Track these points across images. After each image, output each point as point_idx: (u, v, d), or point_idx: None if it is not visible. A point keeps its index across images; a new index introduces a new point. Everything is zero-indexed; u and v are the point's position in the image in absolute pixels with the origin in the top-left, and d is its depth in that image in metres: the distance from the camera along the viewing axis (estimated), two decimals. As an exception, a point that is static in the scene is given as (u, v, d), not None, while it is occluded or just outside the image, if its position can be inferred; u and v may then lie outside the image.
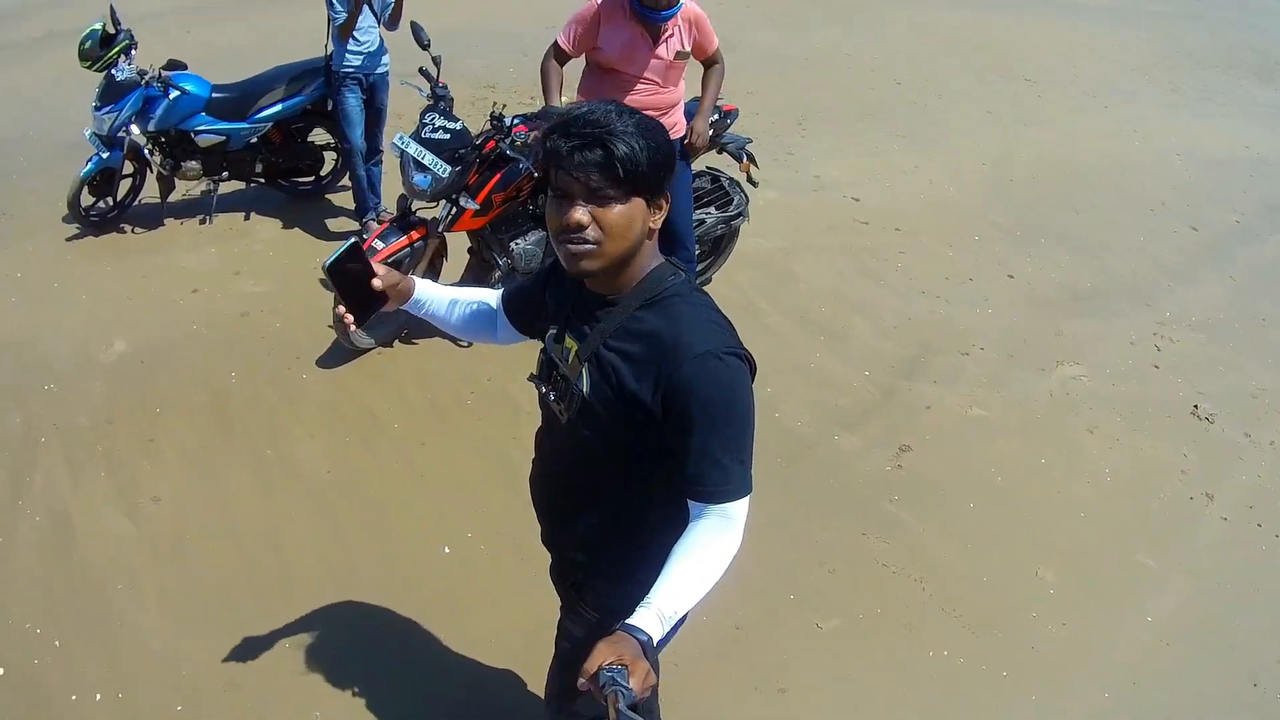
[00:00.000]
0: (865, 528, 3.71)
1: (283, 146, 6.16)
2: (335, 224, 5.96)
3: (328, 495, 3.77)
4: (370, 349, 4.56)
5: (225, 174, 6.03)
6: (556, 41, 4.28)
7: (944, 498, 3.91)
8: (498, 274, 4.56)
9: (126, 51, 5.66)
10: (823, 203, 6.29)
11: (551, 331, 1.88)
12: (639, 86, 4.23)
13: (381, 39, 5.61)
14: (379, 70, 5.66)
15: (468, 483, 3.83)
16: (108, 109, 5.58)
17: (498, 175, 4.34)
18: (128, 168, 5.90)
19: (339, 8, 5.41)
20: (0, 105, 7.70)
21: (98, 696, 3.04)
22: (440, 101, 4.57)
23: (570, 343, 1.81)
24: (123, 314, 5.07)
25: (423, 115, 4.49)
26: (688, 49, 4.25)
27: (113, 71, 5.61)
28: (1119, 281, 5.71)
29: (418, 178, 4.34)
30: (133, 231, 5.90)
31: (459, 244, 4.74)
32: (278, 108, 5.89)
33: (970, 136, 7.60)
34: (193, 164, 5.90)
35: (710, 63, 4.43)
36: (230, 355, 4.61)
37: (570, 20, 4.24)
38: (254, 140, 5.97)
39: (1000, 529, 3.78)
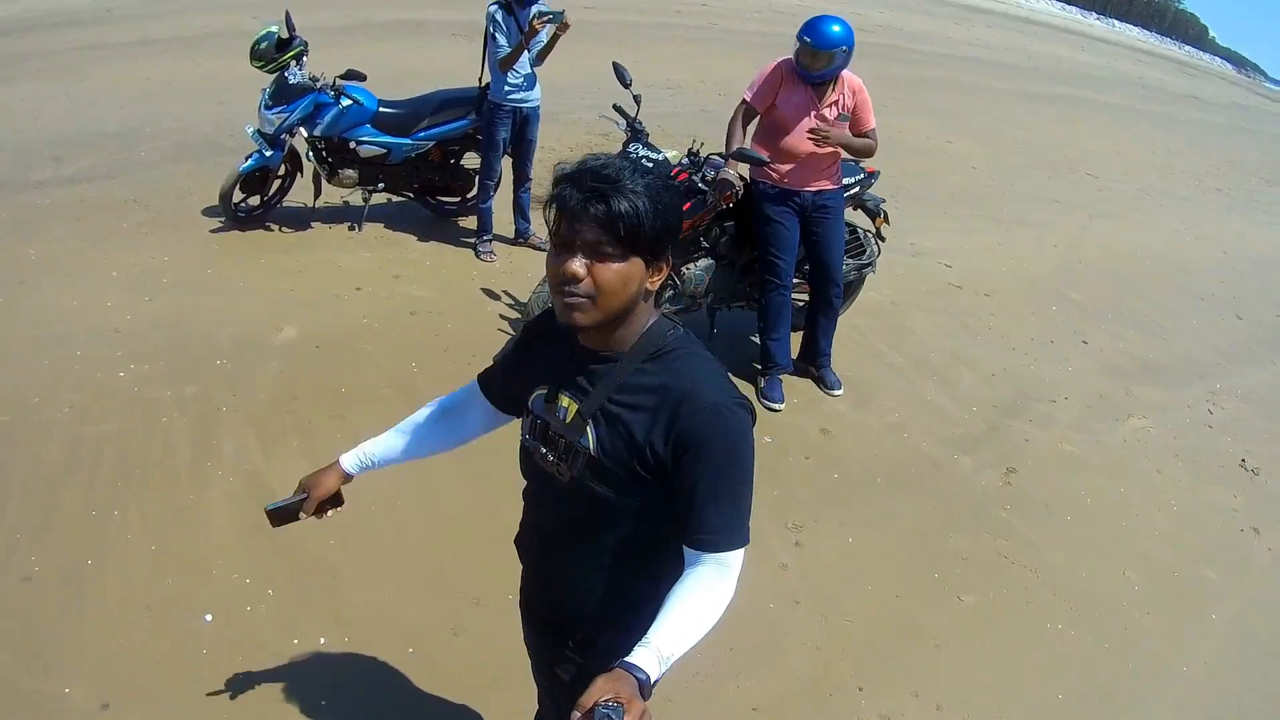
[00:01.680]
0: (986, 529, 4.46)
1: (439, 166, 6.37)
2: (462, 239, 6.37)
3: (473, 489, 3.99)
4: None
5: (380, 185, 6.22)
6: (745, 99, 4.89)
7: (1046, 511, 4.66)
8: (668, 294, 5.02)
9: (299, 57, 5.80)
10: (920, 267, 7.11)
11: (539, 393, 1.84)
12: (804, 140, 4.79)
13: (535, 74, 5.89)
14: (531, 103, 5.94)
15: None
16: (278, 109, 5.71)
17: (687, 204, 4.83)
18: (280, 169, 6.03)
19: (503, 42, 5.65)
20: (120, 100, 8.18)
21: (321, 640, 3.23)
22: (639, 134, 5.08)
23: (567, 401, 1.77)
24: (287, 303, 5.28)
25: (626, 145, 5.01)
26: (849, 114, 4.87)
27: (286, 74, 5.74)
28: (1176, 356, 6.50)
29: None
30: (280, 230, 6.13)
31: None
32: (442, 129, 6.13)
33: (1043, 221, 8.43)
34: (350, 172, 6.06)
35: (864, 137, 4.96)
36: (406, 348, 4.91)
37: (755, 82, 4.89)
38: (413, 156, 6.17)
39: (1093, 538, 4.52)
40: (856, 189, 5.37)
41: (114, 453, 4.09)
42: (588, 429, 1.72)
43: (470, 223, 6.61)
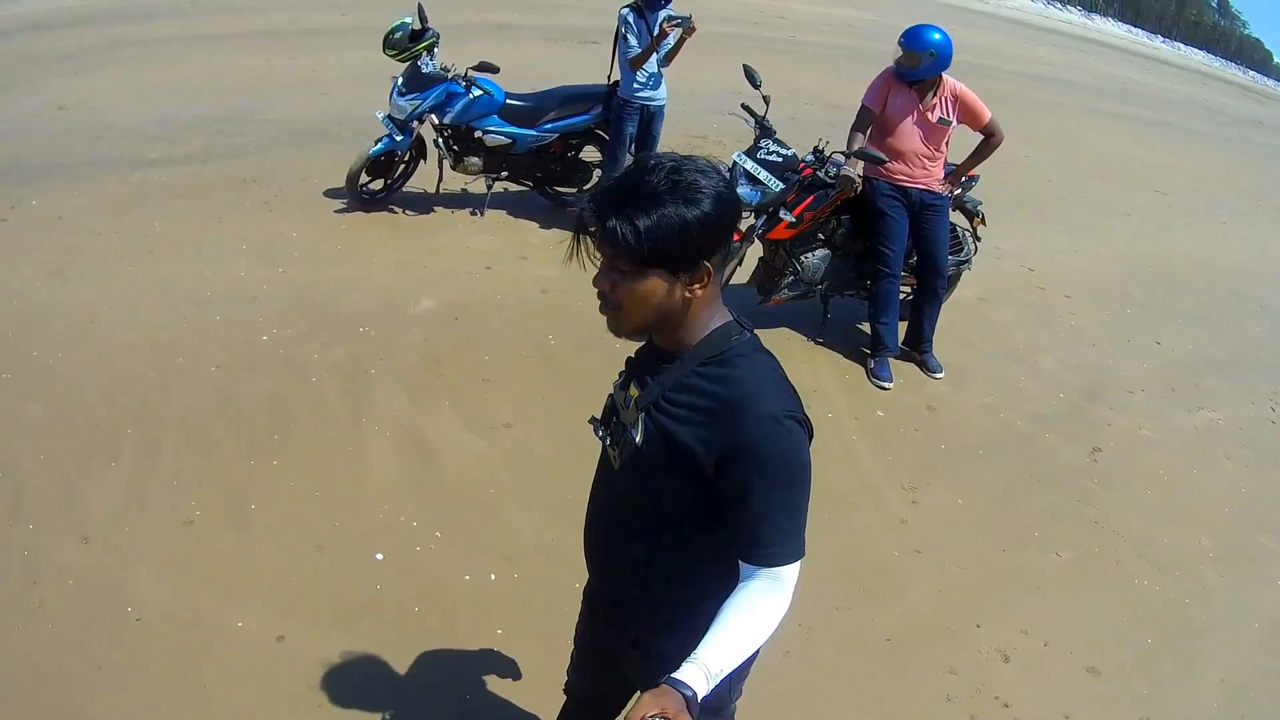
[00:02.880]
0: (1076, 497, 4.87)
1: (560, 157, 6.61)
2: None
3: None
4: None
5: (503, 174, 6.46)
6: (865, 105, 5.34)
7: (1127, 485, 5.05)
8: (788, 279, 5.51)
9: (431, 49, 6.02)
10: (1003, 269, 7.52)
11: (619, 379, 1.87)
12: (908, 139, 5.28)
13: (661, 74, 6.17)
14: (658, 101, 6.27)
15: None
16: (411, 96, 5.91)
17: (810, 197, 5.28)
18: (406, 154, 6.22)
19: (634, 43, 5.96)
20: (220, 89, 8.51)
21: (492, 576, 3.45)
22: (768, 131, 5.50)
23: (634, 390, 1.77)
24: (421, 278, 5.50)
25: (758, 140, 5.42)
26: (950, 118, 5.29)
27: (419, 64, 5.94)
28: (1238, 357, 6.83)
29: (745, 190, 5.22)
30: (404, 213, 6.35)
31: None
32: (566, 122, 6.38)
33: (1115, 230, 8.80)
34: (475, 160, 6.28)
35: (987, 133, 5.36)
36: (542, 321, 5.17)
37: (871, 88, 5.35)
38: (536, 147, 6.42)
39: (1169, 509, 4.89)
40: (958, 190, 5.78)
41: (267, 408, 4.31)
42: (639, 421, 1.71)
43: None
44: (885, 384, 5.42)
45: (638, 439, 1.71)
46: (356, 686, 3.06)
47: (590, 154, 6.80)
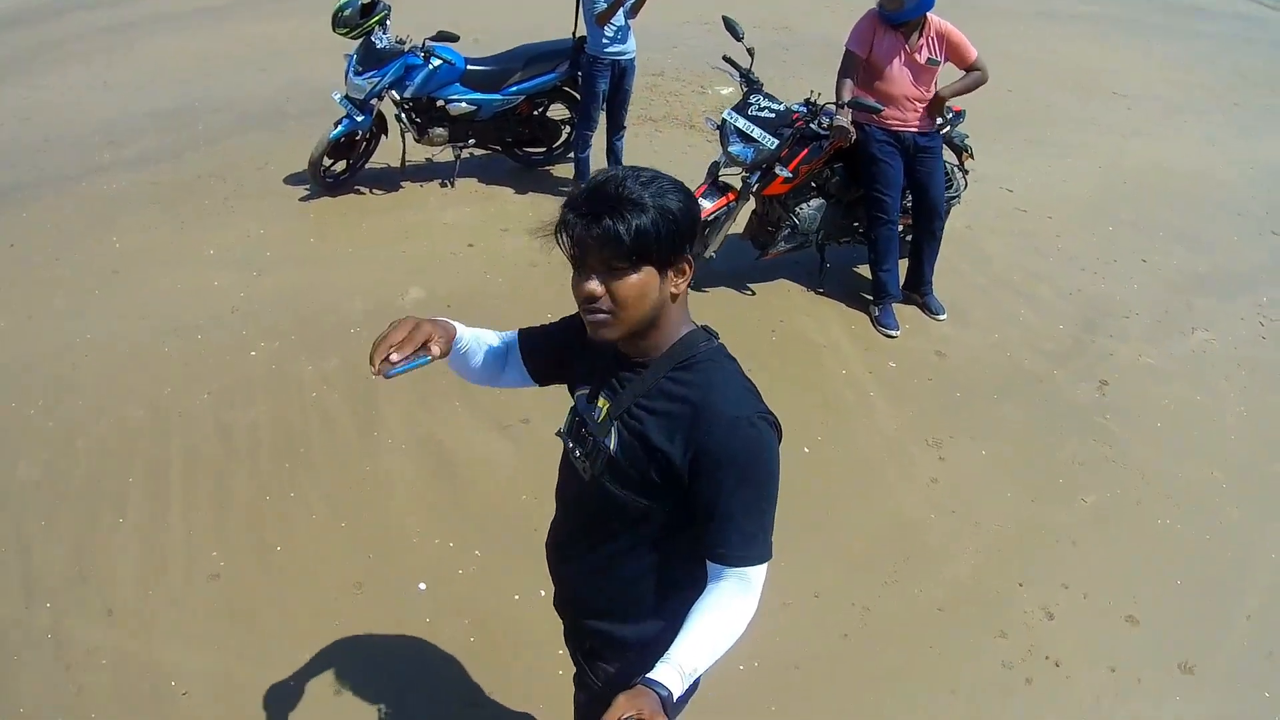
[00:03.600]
0: (1092, 436, 4.88)
1: (527, 119, 6.45)
2: (564, 191, 6.38)
3: None
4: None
5: (470, 141, 6.28)
6: (850, 50, 5.19)
7: (1138, 418, 5.07)
8: (784, 232, 5.41)
9: (383, 21, 5.78)
10: (984, 193, 7.38)
11: (583, 393, 1.88)
12: (898, 82, 5.16)
13: (629, 26, 5.90)
14: (628, 55, 6.02)
15: (791, 405, 4.79)
16: (369, 74, 5.70)
17: (805, 150, 5.18)
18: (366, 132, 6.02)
19: None
20: (161, 78, 8.06)
21: (541, 592, 3.27)
22: (755, 85, 5.33)
23: (602, 402, 1.79)
24: (404, 265, 5.31)
25: (747, 96, 5.26)
26: (938, 57, 5.17)
27: (373, 39, 5.73)
28: (1223, 271, 6.85)
29: (737, 148, 5.11)
30: (371, 193, 6.14)
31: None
32: (532, 83, 6.18)
33: (1084, 143, 8.72)
34: (440, 131, 6.10)
35: (971, 69, 5.29)
36: (537, 300, 5.02)
37: (855, 31, 5.19)
38: (502, 111, 6.23)
39: (1181, 441, 4.93)
40: (946, 128, 5.66)
41: (271, 434, 4.14)
42: (612, 430, 1.74)
43: (560, 171, 6.84)
44: (892, 332, 5.36)
45: (612, 447, 1.73)
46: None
47: (557, 111, 6.63)
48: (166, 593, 3.43)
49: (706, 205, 5.12)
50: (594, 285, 1.62)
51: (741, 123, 5.14)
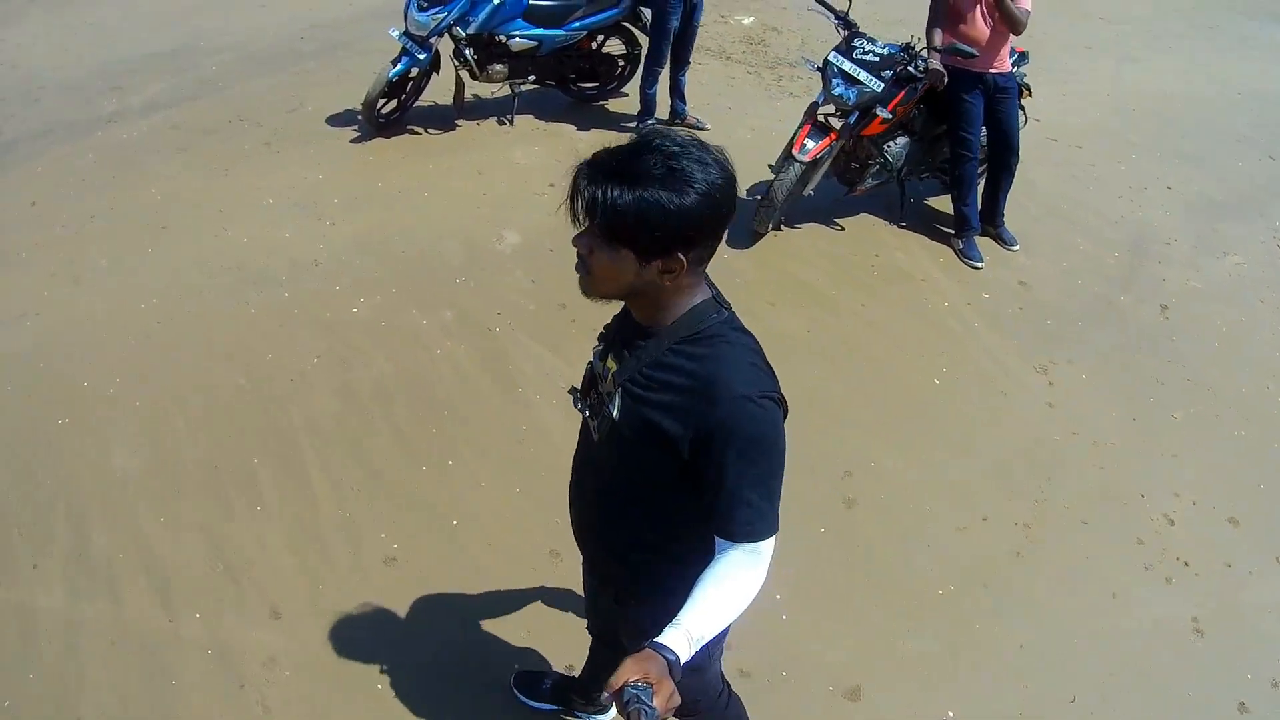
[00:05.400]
0: (1166, 357, 5.34)
1: (588, 54, 6.49)
2: (628, 128, 6.42)
3: (801, 350, 4.71)
4: None
5: (530, 77, 6.27)
6: None
7: (1199, 339, 5.54)
8: (873, 169, 5.74)
9: None
10: (1014, 122, 7.84)
11: (598, 347, 1.90)
12: (979, 27, 5.42)
13: None
14: None
15: (912, 338, 5.10)
16: (434, 10, 5.61)
17: (902, 92, 5.47)
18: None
19: None
20: (150, 21, 7.62)
21: None
22: (853, 26, 5.56)
23: (611, 363, 1.79)
24: (489, 209, 5.19)
25: (850, 39, 5.49)
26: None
27: None
28: (1235, 196, 7.36)
29: (841, 89, 5.35)
30: (426, 132, 6.00)
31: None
32: (596, 18, 6.20)
33: (1083, 70, 9.05)
34: (499, 67, 6.05)
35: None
36: None
37: None
38: (563, 47, 6.25)
39: (1237, 360, 5.42)
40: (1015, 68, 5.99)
41: (405, 396, 3.97)
42: (616, 396, 1.75)
43: (617, 106, 6.91)
44: (978, 264, 5.76)
45: (615, 414, 1.75)
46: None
47: (613, 46, 6.67)
48: (338, 585, 3.23)
49: (811, 146, 5.36)
50: (578, 242, 1.64)
51: (848, 65, 5.36)
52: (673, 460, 1.68)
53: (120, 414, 3.82)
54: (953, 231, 5.95)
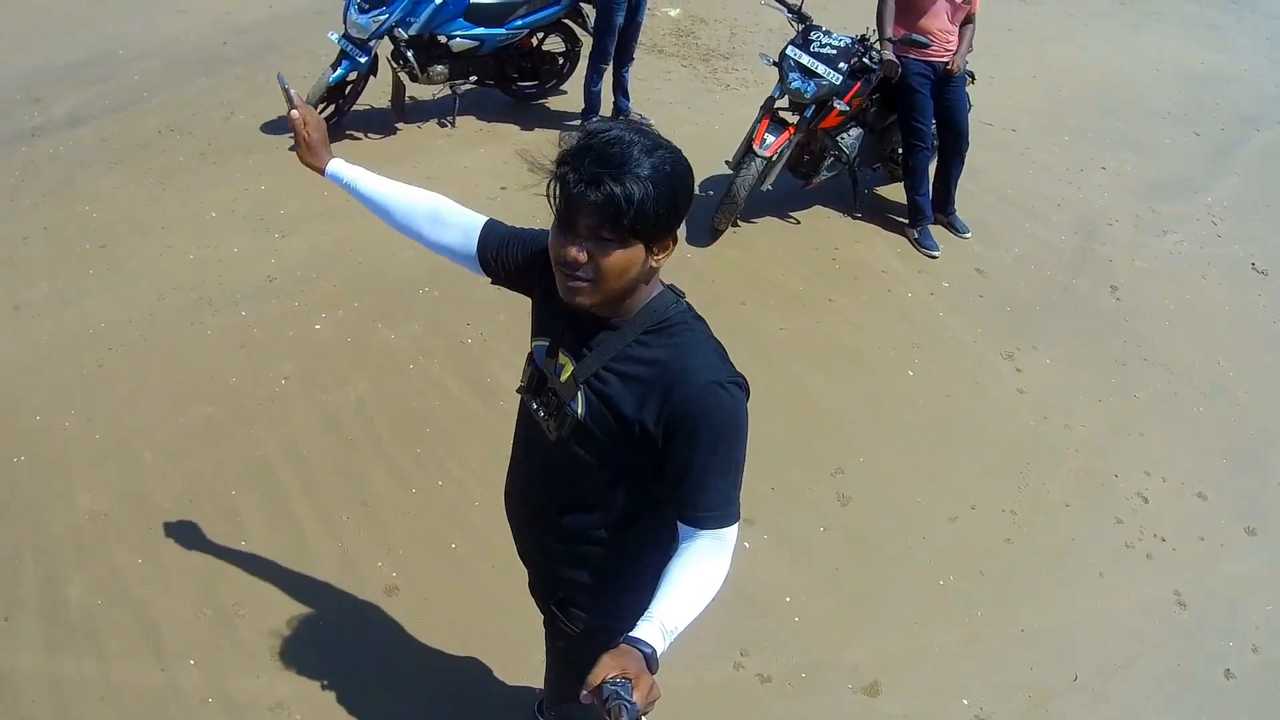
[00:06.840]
0: (1123, 338, 5.55)
1: (529, 53, 6.46)
2: (572, 127, 6.22)
3: (779, 350, 4.81)
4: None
5: (472, 78, 6.23)
6: None
7: (1151, 318, 5.80)
8: (827, 162, 5.84)
9: None
10: (950, 107, 8.05)
11: (542, 344, 1.85)
12: (937, 17, 5.61)
13: None
14: None
15: (881, 330, 5.20)
16: (375, 12, 5.53)
17: (858, 84, 5.56)
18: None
19: None
20: (59, 26, 7.27)
21: (746, 545, 3.50)
22: (807, 20, 5.62)
23: (565, 360, 1.76)
24: None
25: (806, 33, 5.55)
26: None
27: None
28: (1167, 174, 7.68)
29: (799, 83, 5.39)
30: (367, 138, 5.97)
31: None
32: (537, 15, 6.16)
33: (1008, 51, 9.19)
34: (440, 68, 5.98)
35: (967, 21, 5.82)
36: None
37: None
38: (504, 46, 6.17)
39: (1187, 337, 5.69)
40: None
41: (383, 415, 3.92)
42: (579, 394, 1.73)
43: (557, 104, 6.89)
44: (934, 252, 5.92)
45: (579, 412, 1.74)
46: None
47: (552, 44, 6.64)
48: (340, 620, 3.16)
49: (772, 141, 5.41)
50: (577, 251, 1.58)
51: (806, 59, 5.42)
52: (646, 453, 1.69)
53: (81, 449, 3.66)
54: (907, 221, 6.09)
